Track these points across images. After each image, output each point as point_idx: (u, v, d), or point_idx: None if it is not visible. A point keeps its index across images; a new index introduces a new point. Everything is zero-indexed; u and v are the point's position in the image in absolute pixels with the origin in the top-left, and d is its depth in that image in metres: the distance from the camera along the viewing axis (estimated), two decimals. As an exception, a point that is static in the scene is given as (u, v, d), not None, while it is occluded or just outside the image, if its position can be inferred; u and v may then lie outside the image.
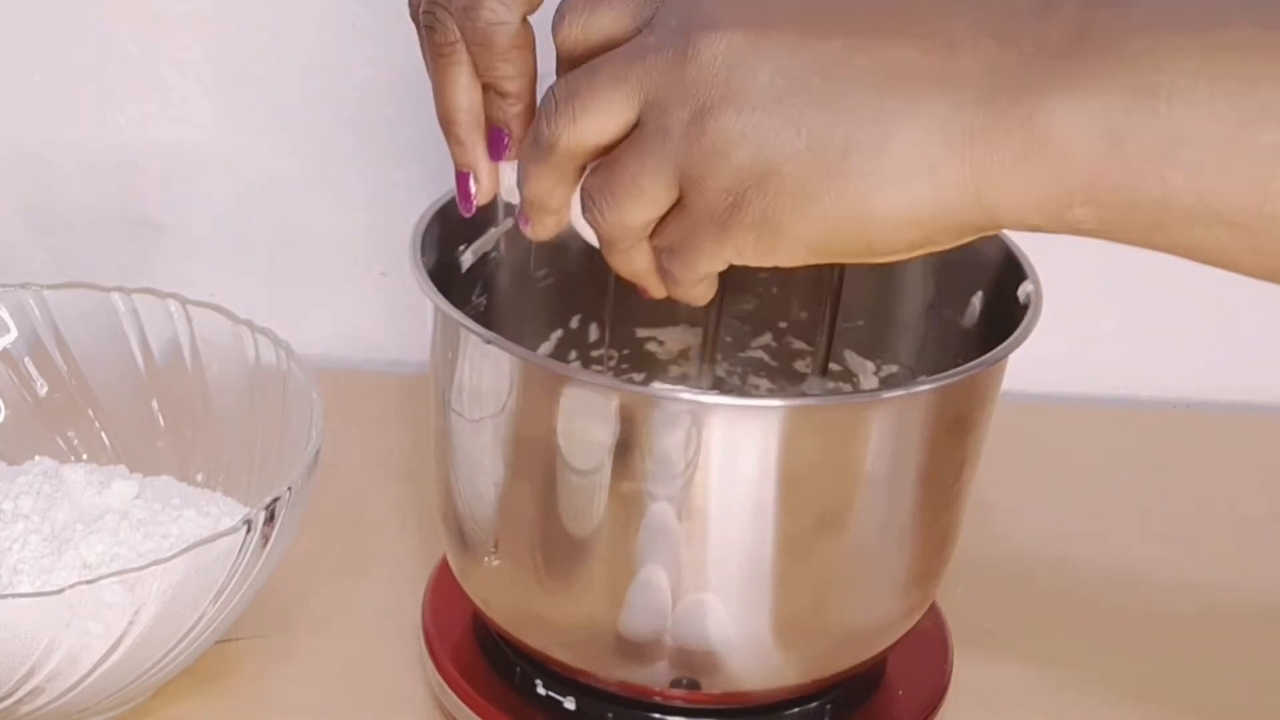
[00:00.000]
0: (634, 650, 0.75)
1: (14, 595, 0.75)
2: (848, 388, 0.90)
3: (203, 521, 0.86)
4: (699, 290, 0.65)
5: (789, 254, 0.59)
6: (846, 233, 0.58)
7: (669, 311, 0.90)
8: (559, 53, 0.64)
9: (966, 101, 0.55)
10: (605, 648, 0.76)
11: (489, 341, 0.71)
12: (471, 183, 0.71)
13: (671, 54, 0.58)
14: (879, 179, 0.56)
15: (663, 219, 0.62)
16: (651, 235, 0.63)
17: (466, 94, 0.69)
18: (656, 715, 0.78)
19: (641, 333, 0.92)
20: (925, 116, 0.55)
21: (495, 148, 0.69)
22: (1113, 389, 1.15)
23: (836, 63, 0.56)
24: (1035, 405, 1.11)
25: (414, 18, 0.70)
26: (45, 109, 1.09)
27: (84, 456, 0.94)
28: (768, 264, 0.60)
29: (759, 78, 0.57)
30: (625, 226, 0.63)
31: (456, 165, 0.71)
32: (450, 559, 0.82)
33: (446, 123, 0.70)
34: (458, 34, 0.67)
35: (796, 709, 0.79)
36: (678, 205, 0.61)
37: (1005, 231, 0.80)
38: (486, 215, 0.84)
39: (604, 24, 0.62)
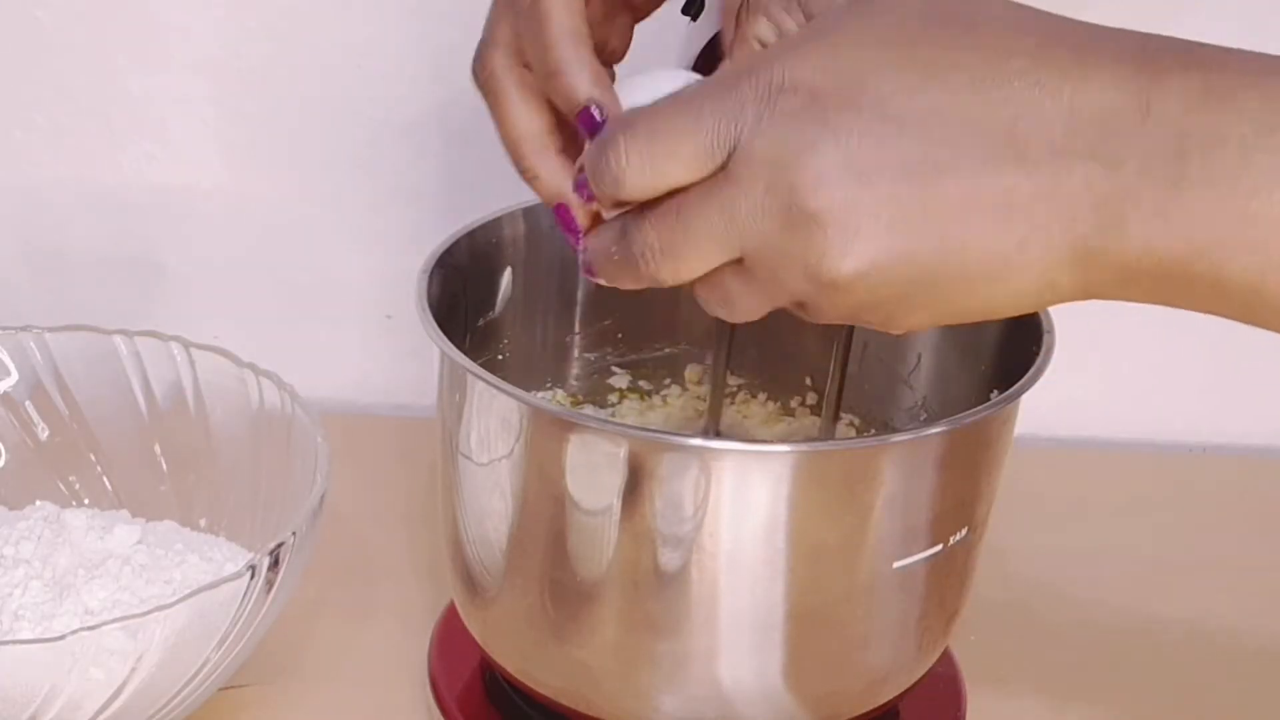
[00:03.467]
0: (645, 695, 0.74)
1: (15, 642, 0.74)
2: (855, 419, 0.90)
3: (206, 567, 0.86)
4: None
5: (903, 332, 0.62)
6: (965, 321, 0.61)
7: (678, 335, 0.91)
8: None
9: (1080, 235, 0.56)
10: (615, 693, 0.75)
11: (495, 388, 0.70)
12: (569, 213, 0.67)
13: (774, 217, 0.58)
14: (1005, 299, 0.58)
15: None
16: None
17: (521, 120, 0.68)
18: (667, 761, 0.77)
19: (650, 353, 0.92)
20: (1046, 248, 0.57)
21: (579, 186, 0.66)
22: (1130, 433, 1.15)
23: (952, 209, 0.57)
24: (1051, 449, 1.11)
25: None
26: (47, 150, 1.08)
27: (85, 501, 0.94)
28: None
29: (874, 238, 0.57)
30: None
31: (546, 203, 0.68)
32: (457, 604, 0.82)
33: (514, 160, 0.68)
34: (495, 64, 0.68)
35: (808, 756, 0.79)
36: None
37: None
38: (494, 264, 0.84)
39: (671, 178, 0.60)
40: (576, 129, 0.66)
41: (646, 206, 0.61)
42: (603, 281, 0.65)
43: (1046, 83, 0.56)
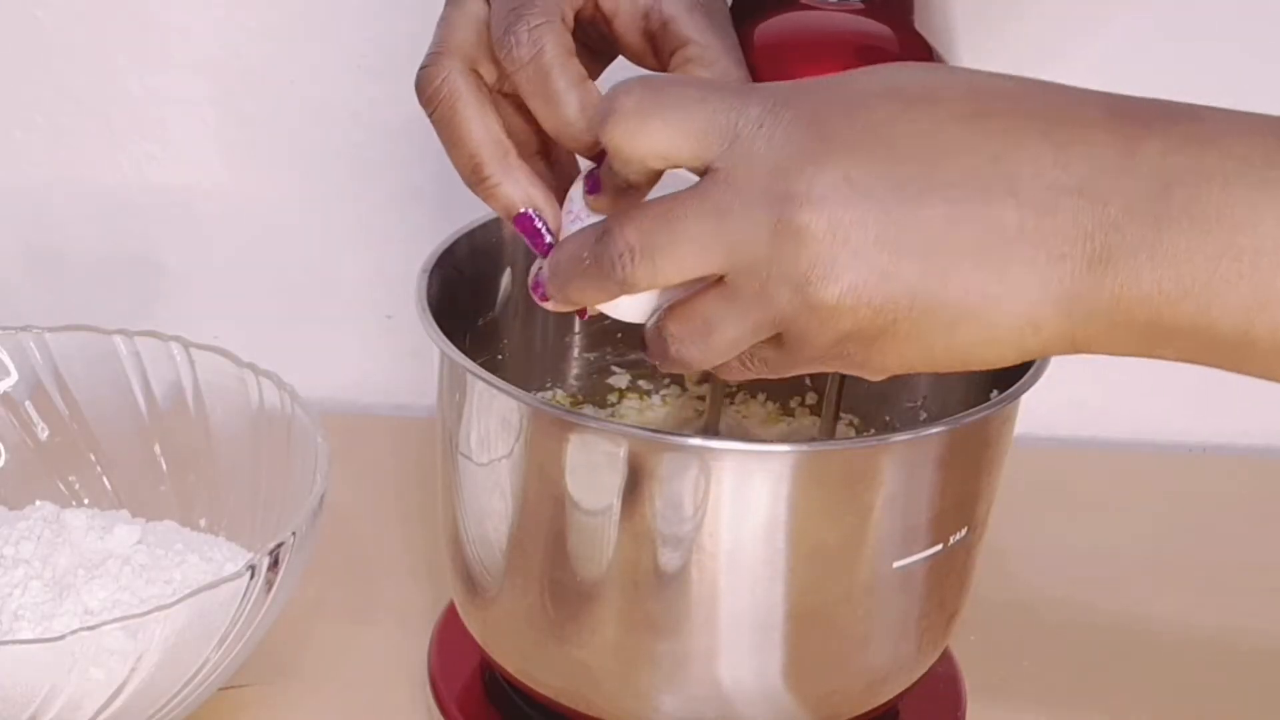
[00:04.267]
0: (645, 695, 0.74)
1: (15, 642, 0.74)
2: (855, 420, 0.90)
3: (206, 567, 0.86)
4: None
5: (883, 376, 0.61)
6: (948, 367, 0.60)
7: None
8: (611, 154, 0.62)
9: (1066, 271, 0.56)
10: (615, 693, 0.75)
11: (495, 388, 0.70)
12: (537, 220, 0.67)
13: (764, 226, 0.57)
14: (987, 338, 0.58)
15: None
16: None
17: (480, 126, 0.67)
18: (667, 761, 0.77)
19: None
20: (1030, 283, 0.57)
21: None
22: (1129, 433, 1.15)
23: (940, 232, 0.57)
24: (1051, 449, 1.11)
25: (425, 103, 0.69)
26: (47, 150, 1.08)
27: (85, 501, 0.94)
28: (857, 376, 0.62)
29: (862, 253, 0.57)
30: (710, 364, 0.62)
31: (508, 212, 0.68)
32: (457, 604, 0.82)
33: (472, 170, 0.68)
34: (451, 71, 0.67)
35: (809, 756, 0.79)
36: (774, 339, 0.61)
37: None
38: (494, 264, 0.84)
39: (656, 142, 0.60)
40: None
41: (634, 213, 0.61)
42: (550, 304, 0.65)
43: (1033, 122, 0.57)
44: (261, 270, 1.12)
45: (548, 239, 0.67)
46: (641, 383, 0.92)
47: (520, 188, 0.67)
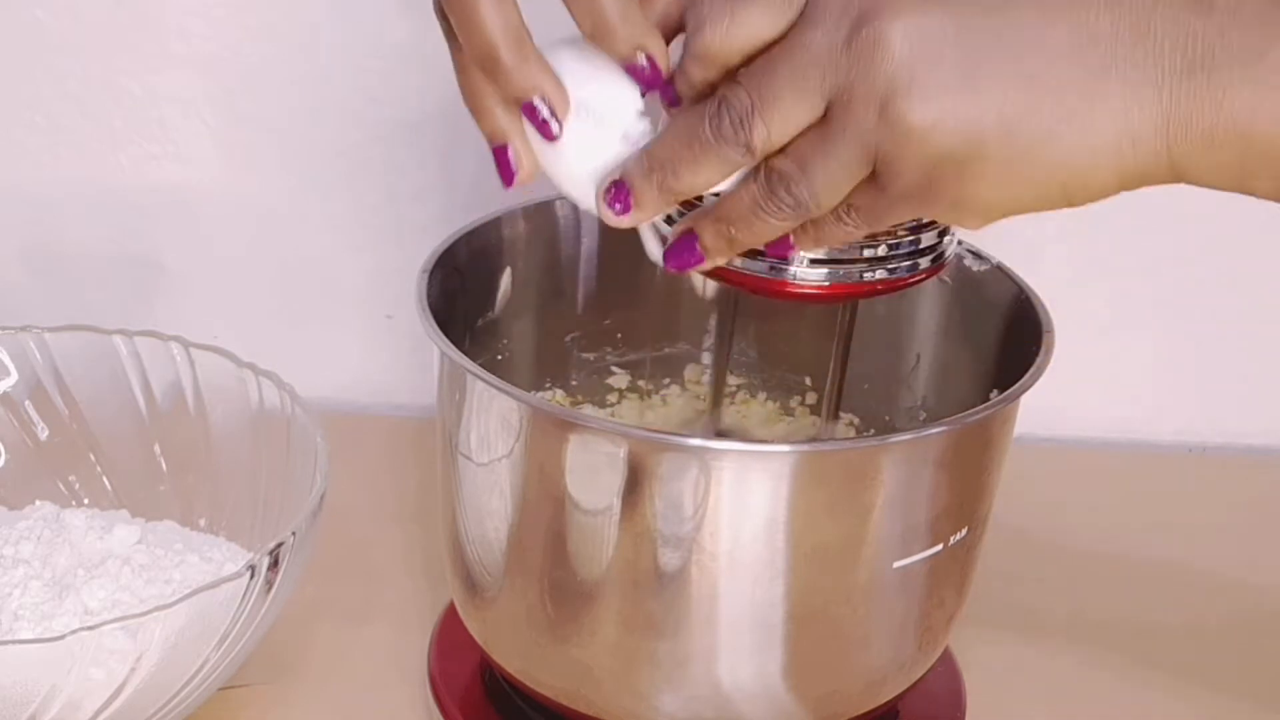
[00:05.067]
0: (645, 695, 0.74)
1: (15, 641, 0.74)
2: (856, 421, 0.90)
3: (206, 567, 0.86)
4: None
5: (984, 219, 0.59)
6: (1048, 199, 0.58)
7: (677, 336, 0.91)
8: (703, 60, 0.61)
9: (1165, 77, 0.54)
10: (615, 693, 0.75)
11: (495, 388, 0.70)
12: (544, 108, 0.64)
13: (849, 46, 0.56)
14: (1085, 152, 0.56)
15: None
16: None
17: (497, 12, 0.62)
18: (667, 761, 0.77)
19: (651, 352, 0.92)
20: (1127, 90, 0.55)
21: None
22: (1129, 433, 1.15)
23: (1030, 35, 0.55)
24: (1051, 449, 1.11)
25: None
26: (47, 150, 1.08)
27: (85, 501, 0.94)
28: (958, 225, 0.60)
29: (948, 59, 0.55)
30: (820, 208, 0.60)
31: (519, 101, 0.64)
32: (457, 604, 0.82)
33: (486, 57, 0.63)
34: None
35: (808, 756, 0.79)
36: (869, 178, 0.59)
37: (1018, 272, 0.80)
38: (494, 264, 0.84)
39: (750, 26, 0.59)
40: None
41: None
42: (630, 216, 0.63)
43: None
44: (261, 270, 1.12)
45: (555, 129, 0.65)
46: (641, 383, 0.92)
47: (532, 77, 0.64)
